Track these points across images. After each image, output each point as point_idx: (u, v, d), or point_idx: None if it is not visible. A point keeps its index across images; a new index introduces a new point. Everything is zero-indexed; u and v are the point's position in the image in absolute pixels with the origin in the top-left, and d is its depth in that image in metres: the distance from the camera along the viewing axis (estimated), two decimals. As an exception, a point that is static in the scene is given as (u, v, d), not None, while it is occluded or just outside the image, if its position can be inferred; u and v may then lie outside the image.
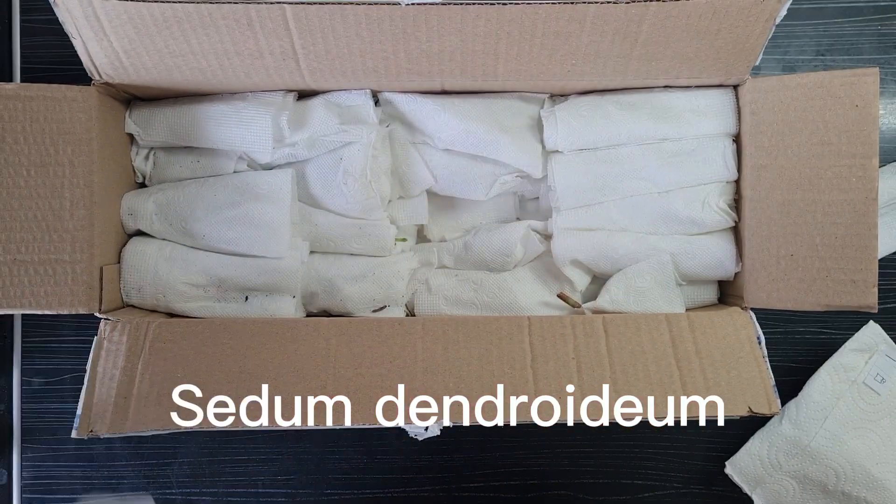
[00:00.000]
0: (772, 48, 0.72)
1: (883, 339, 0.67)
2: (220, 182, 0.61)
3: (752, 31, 0.53)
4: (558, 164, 0.61)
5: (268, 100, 0.59)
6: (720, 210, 0.60)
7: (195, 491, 0.71)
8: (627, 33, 0.52)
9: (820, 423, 0.65)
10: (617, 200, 0.62)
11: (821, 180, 0.55)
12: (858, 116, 0.53)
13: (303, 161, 0.62)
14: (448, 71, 0.56)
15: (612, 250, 0.62)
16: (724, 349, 0.54)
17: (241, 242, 0.59)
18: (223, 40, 0.52)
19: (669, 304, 0.61)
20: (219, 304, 0.60)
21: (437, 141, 0.62)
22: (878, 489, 0.64)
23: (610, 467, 0.73)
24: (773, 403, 0.52)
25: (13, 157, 0.52)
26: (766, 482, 0.67)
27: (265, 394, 0.51)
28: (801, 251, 0.55)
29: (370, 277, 0.62)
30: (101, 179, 0.54)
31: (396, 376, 0.52)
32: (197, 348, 0.52)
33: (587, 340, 0.54)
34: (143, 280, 0.58)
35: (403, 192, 0.65)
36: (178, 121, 0.60)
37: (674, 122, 0.60)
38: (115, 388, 0.51)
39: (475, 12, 0.50)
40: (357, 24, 0.51)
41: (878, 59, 0.72)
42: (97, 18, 0.50)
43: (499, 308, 0.63)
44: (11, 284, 0.52)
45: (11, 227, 0.52)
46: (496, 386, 0.52)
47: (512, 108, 0.62)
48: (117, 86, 0.57)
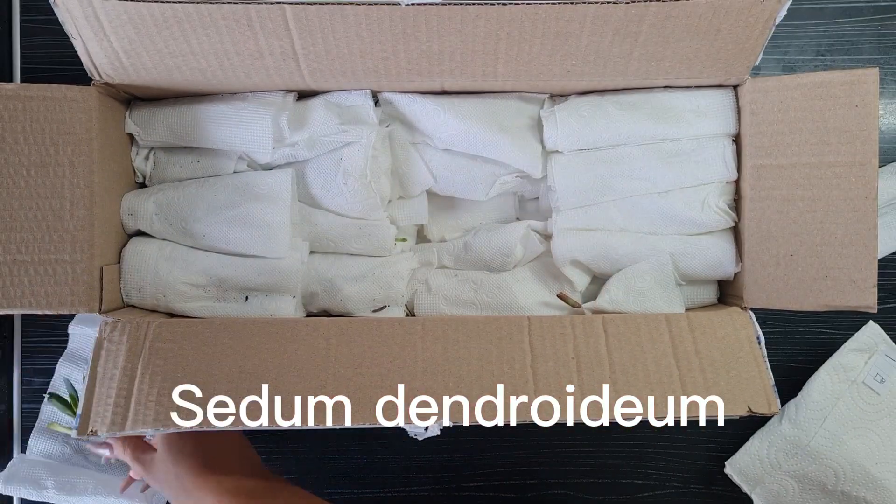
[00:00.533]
0: (772, 48, 0.72)
1: (882, 339, 0.67)
2: (220, 182, 0.61)
3: (752, 31, 0.53)
4: (558, 164, 0.61)
5: (268, 100, 0.59)
6: (720, 210, 0.60)
7: (195, 491, 0.71)
8: (627, 33, 0.52)
9: (819, 423, 0.65)
10: (617, 200, 0.62)
11: (821, 180, 0.55)
12: (858, 116, 0.53)
13: (303, 161, 0.62)
14: (448, 71, 0.56)
15: (611, 250, 0.62)
16: (724, 349, 0.54)
17: (241, 242, 0.59)
18: (223, 40, 0.52)
19: (669, 305, 0.61)
20: (219, 304, 0.60)
21: (437, 141, 0.62)
22: (877, 489, 0.65)
23: (610, 467, 0.73)
24: (772, 403, 0.52)
25: (13, 157, 0.52)
26: (765, 482, 0.67)
27: (265, 394, 0.51)
28: (801, 251, 0.55)
29: (370, 277, 0.62)
30: (101, 179, 0.54)
31: (396, 376, 0.52)
32: (197, 348, 0.52)
33: (587, 340, 0.54)
34: (143, 280, 0.58)
35: (403, 192, 0.65)
36: (178, 121, 0.60)
37: (674, 122, 0.60)
38: (115, 388, 0.51)
39: (475, 12, 0.50)
40: (357, 24, 0.51)
41: (878, 59, 0.72)
42: (97, 18, 0.50)
43: (499, 308, 0.63)
44: (11, 284, 0.52)
45: (11, 227, 0.52)
46: (496, 386, 0.52)
47: (512, 108, 0.62)
48: (117, 86, 0.57)
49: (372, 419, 0.50)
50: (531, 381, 0.52)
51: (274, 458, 0.73)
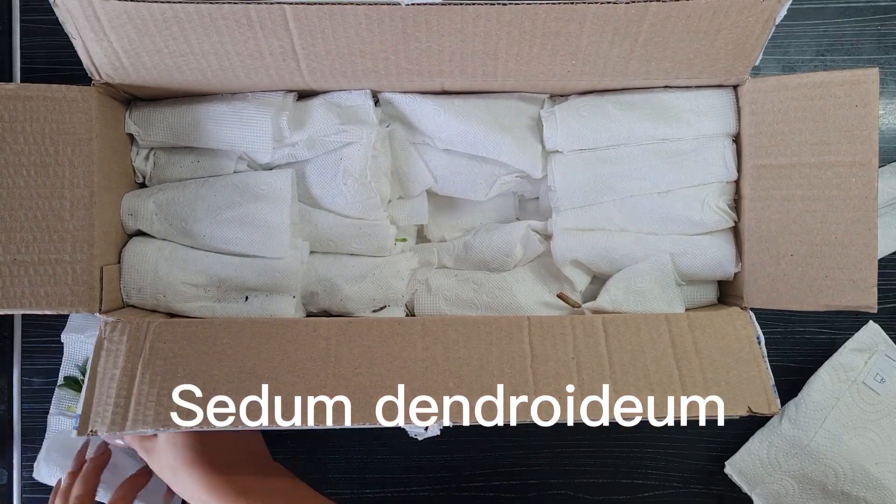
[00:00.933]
0: (772, 48, 0.72)
1: (882, 339, 0.67)
2: (220, 182, 0.61)
3: (752, 31, 0.53)
4: (558, 164, 0.61)
5: (268, 100, 0.59)
6: (720, 210, 0.60)
7: (195, 491, 0.71)
8: (627, 33, 0.52)
9: (819, 423, 0.65)
10: (617, 200, 0.62)
11: (821, 180, 0.55)
12: (858, 116, 0.53)
13: (303, 161, 0.62)
14: (448, 71, 0.56)
15: (611, 250, 0.62)
16: (724, 349, 0.54)
17: (241, 242, 0.60)
18: (223, 40, 0.52)
19: (669, 305, 0.61)
20: (219, 305, 0.60)
21: (437, 141, 0.62)
22: (877, 489, 0.65)
23: (610, 467, 0.73)
24: (772, 403, 0.52)
25: (13, 157, 0.52)
26: (765, 482, 0.67)
27: (265, 394, 0.51)
28: (801, 251, 0.55)
29: (370, 277, 0.62)
30: (101, 179, 0.54)
31: (396, 376, 0.52)
32: (197, 348, 0.52)
33: (587, 340, 0.54)
34: (143, 280, 0.58)
35: (403, 192, 0.65)
36: (178, 121, 0.60)
37: (674, 122, 0.60)
38: (115, 388, 0.51)
39: (475, 12, 0.50)
40: (357, 24, 0.51)
41: (878, 59, 0.72)
42: (97, 18, 0.50)
43: (499, 308, 0.63)
44: (11, 284, 0.52)
45: (11, 227, 0.52)
46: (496, 386, 0.52)
47: (512, 108, 0.62)
48: (117, 86, 0.57)
49: (372, 419, 0.50)
50: (531, 381, 0.52)
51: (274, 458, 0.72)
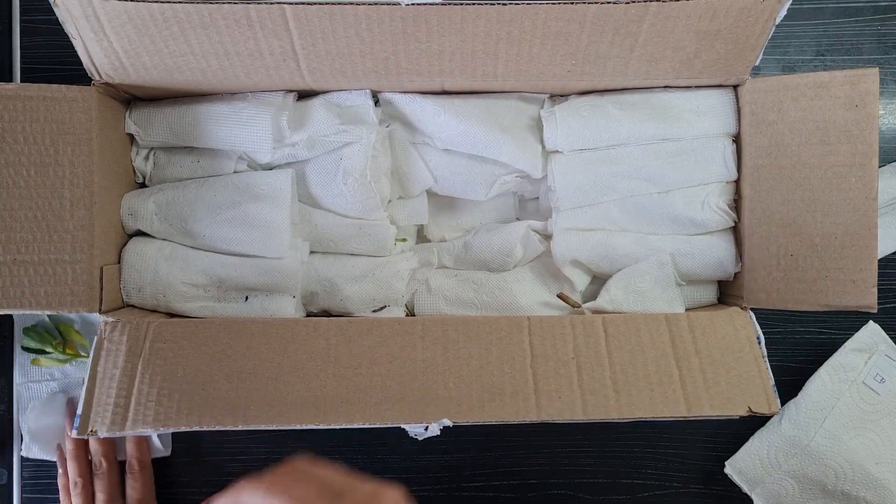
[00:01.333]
0: (772, 48, 0.72)
1: (882, 339, 0.67)
2: (220, 182, 0.61)
3: (752, 31, 0.53)
4: (558, 164, 0.61)
5: (268, 100, 0.59)
6: (720, 210, 0.60)
7: (194, 490, 0.71)
8: (627, 33, 0.52)
9: (819, 423, 0.65)
10: (617, 200, 0.62)
11: (821, 180, 0.55)
12: (858, 116, 0.53)
13: (303, 161, 0.62)
14: (448, 71, 0.56)
15: (611, 250, 0.62)
16: (724, 349, 0.54)
17: (241, 242, 0.59)
18: (223, 40, 0.52)
19: (669, 305, 0.61)
20: (219, 304, 0.60)
21: (437, 141, 0.62)
22: (877, 489, 0.64)
23: (609, 467, 0.73)
24: (772, 403, 0.52)
25: (13, 157, 0.52)
26: (765, 482, 0.67)
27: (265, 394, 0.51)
28: (801, 251, 0.55)
29: (370, 277, 0.62)
30: (101, 179, 0.54)
31: (396, 376, 0.52)
32: (197, 348, 0.52)
33: (587, 340, 0.54)
34: (143, 280, 0.58)
35: (403, 192, 0.65)
36: (178, 121, 0.60)
37: (674, 122, 0.60)
38: (115, 388, 0.51)
39: (475, 12, 0.50)
40: (357, 24, 0.51)
41: (878, 59, 0.72)
42: (97, 18, 0.50)
43: (499, 308, 0.63)
44: (11, 284, 0.52)
45: (11, 227, 0.52)
46: (496, 386, 0.52)
47: (512, 108, 0.62)
48: (117, 86, 0.57)
49: (372, 419, 0.50)
50: (531, 381, 0.52)
51: (274, 458, 0.72)
